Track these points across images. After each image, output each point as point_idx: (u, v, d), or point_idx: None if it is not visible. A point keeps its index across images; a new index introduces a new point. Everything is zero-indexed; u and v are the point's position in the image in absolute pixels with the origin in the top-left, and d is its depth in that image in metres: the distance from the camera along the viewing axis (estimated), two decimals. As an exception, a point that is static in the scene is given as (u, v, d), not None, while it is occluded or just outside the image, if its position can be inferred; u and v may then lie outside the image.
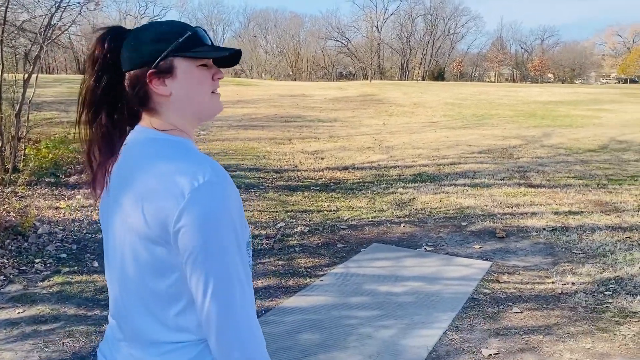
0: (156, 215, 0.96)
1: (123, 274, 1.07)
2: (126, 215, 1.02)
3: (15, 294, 3.83)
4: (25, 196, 6.12)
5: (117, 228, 1.06)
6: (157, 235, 0.98)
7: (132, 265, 1.04)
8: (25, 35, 8.63)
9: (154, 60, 1.05)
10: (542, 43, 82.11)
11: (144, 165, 1.02)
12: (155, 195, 0.97)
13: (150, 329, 1.05)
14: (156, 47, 1.05)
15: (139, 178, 1.01)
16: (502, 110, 18.91)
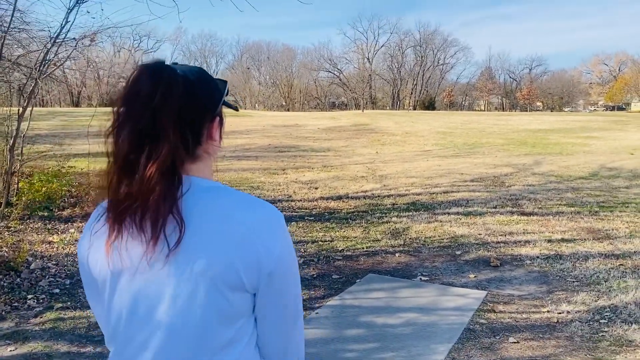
0: (251, 262, 1.00)
1: (176, 322, 1.02)
2: (199, 264, 0.99)
3: (7, 331, 3.78)
4: (18, 231, 6.09)
5: (169, 276, 1.01)
6: (242, 281, 1.00)
7: (195, 314, 1.01)
8: (20, 69, 8.72)
9: (217, 108, 1.08)
10: (530, 72, 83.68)
11: (215, 215, 1.01)
12: (248, 243, 1.00)
13: None
14: (218, 95, 1.09)
15: (216, 228, 1.00)
16: (493, 139, 19.14)
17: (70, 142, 14.34)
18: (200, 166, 1.07)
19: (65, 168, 9.62)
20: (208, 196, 1.03)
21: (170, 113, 0.98)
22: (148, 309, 1.03)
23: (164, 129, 0.97)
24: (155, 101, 0.97)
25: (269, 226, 1.03)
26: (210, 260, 0.98)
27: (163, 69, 1.01)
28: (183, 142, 1.00)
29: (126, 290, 1.04)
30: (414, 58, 79.31)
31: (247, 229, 1.00)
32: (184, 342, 1.02)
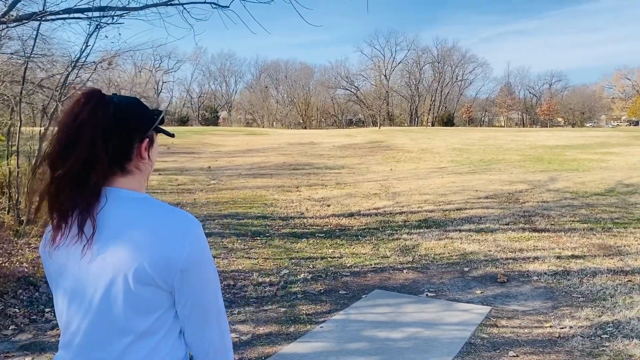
0: (159, 261, 1.17)
1: (99, 311, 1.21)
2: (117, 261, 1.18)
3: (25, 342, 3.96)
4: (37, 247, 6.31)
5: (96, 271, 1.20)
6: (155, 279, 1.17)
7: (115, 304, 1.19)
8: (42, 92, 9.07)
9: (146, 131, 1.29)
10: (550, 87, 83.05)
11: (133, 221, 1.20)
12: (157, 245, 1.18)
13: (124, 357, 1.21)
14: (149, 120, 1.30)
15: (132, 232, 1.18)
16: (509, 155, 19.07)
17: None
18: (130, 180, 1.26)
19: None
20: (130, 205, 1.22)
21: (92, 129, 1.18)
22: (79, 298, 1.22)
23: (81, 141, 1.17)
24: (80, 118, 1.18)
25: (179, 229, 1.20)
26: (124, 258, 1.17)
27: (95, 95, 1.23)
28: (105, 154, 1.19)
29: (64, 283, 1.25)
30: (431, 74, 79.48)
31: (158, 231, 1.19)
32: (107, 328, 1.21)
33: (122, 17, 6.87)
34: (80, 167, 1.18)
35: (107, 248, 1.19)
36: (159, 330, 1.23)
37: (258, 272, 5.76)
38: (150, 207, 1.24)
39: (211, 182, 12.83)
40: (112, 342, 1.21)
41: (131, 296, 1.18)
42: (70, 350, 1.26)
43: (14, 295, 4.76)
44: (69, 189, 1.19)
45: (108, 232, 1.20)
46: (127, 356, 1.21)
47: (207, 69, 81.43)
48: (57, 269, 1.26)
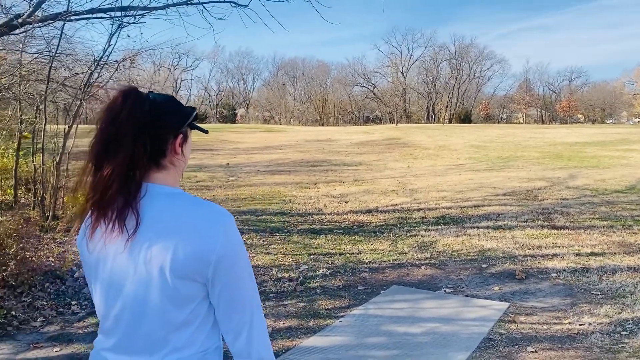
0: (194, 254, 1.22)
1: (137, 303, 1.28)
2: (154, 255, 1.24)
3: (53, 333, 4.09)
4: (63, 242, 6.48)
5: (134, 264, 1.26)
6: (190, 271, 1.23)
7: (152, 296, 1.26)
8: (66, 90, 9.25)
9: (181, 128, 1.34)
10: (569, 84, 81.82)
11: (169, 216, 1.26)
12: (191, 238, 1.23)
13: (162, 346, 1.28)
14: (183, 117, 1.35)
15: (168, 226, 1.24)
16: (528, 152, 18.91)
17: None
18: (165, 175, 1.32)
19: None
20: (166, 199, 1.28)
21: (131, 126, 1.24)
22: (118, 289, 1.28)
23: (124, 139, 1.23)
24: (120, 116, 1.23)
25: (212, 223, 1.25)
26: (160, 251, 1.22)
27: (132, 92, 1.28)
28: (144, 151, 1.25)
29: (103, 274, 1.30)
30: (449, 71, 78.85)
31: (192, 225, 1.24)
32: (144, 319, 1.27)
33: (143, 17, 6.99)
34: (127, 164, 1.23)
35: (145, 242, 1.25)
36: (193, 321, 1.28)
37: (277, 268, 5.85)
38: (184, 202, 1.29)
39: (230, 178, 12.96)
40: (149, 332, 1.28)
41: (167, 288, 1.24)
42: (110, 338, 1.34)
43: (41, 288, 4.90)
44: (116, 185, 1.24)
45: (145, 226, 1.26)
46: (164, 346, 1.28)
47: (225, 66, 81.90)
48: (96, 260, 1.32)
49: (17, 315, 4.35)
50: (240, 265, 1.28)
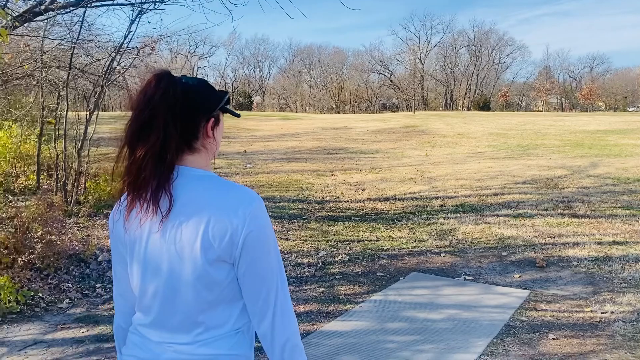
0: (223, 235, 1.24)
1: (171, 282, 1.30)
2: (185, 235, 1.26)
3: (79, 315, 4.19)
4: (86, 227, 6.59)
5: (167, 244, 1.29)
6: (219, 252, 1.25)
7: (184, 276, 1.28)
8: (86, 77, 9.35)
9: (212, 111, 1.35)
10: (591, 71, 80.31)
11: (200, 197, 1.28)
12: (220, 220, 1.25)
13: (196, 324, 1.31)
14: (215, 101, 1.36)
15: (199, 208, 1.26)
16: (548, 140, 18.66)
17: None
18: (197, 158, 1.34)
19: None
20: (198, 182, 1.30)
21: (164, 109, 1.26)
22: (153, 268, 1.31)
23: (156, 121, 1.25)
24: (154, 99, 1.26)
25: (241, 205, 1.25)
26: (191, 232, 1.25)
27: (165, 76, 1.30)
28: (176, 134, 1.28)
29: (139, 254, 1.33)
30: (468, 58, 77.80)
31: (222, 206, 1.25)
32: (180, 298, 1.30)
33: (163, 3, 7.02)
34: (159, 146, 1.26)
35: (177, 222, 1.28)
36: (225, 301, 1.31)
37: (296, 253, 5.89)
38: (215, 184, 1.31)
39: (247, 166, 13.02)
40: (183, 311, 1.30)
41: (198, 268, 1.26)
42: (147, 315, 1.37)
43: (66, 271, 5.01)
44: (150, 166, 1.26)
45: (178, 207, 1.28)
46: (198, 325, 1.31)
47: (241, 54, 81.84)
48: (132, 240, 1.35)
49: (44, 297, 4.45)
50: (266, 248, 1.29)
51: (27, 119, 10.24)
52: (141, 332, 1.38)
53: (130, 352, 1.40)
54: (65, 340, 3.74)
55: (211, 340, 1.31)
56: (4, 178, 8.54)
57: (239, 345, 1.33)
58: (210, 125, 1.35)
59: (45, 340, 3.74)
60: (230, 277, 1.30)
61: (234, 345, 1.32)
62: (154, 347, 1.35)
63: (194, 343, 1.31)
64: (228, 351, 1.31)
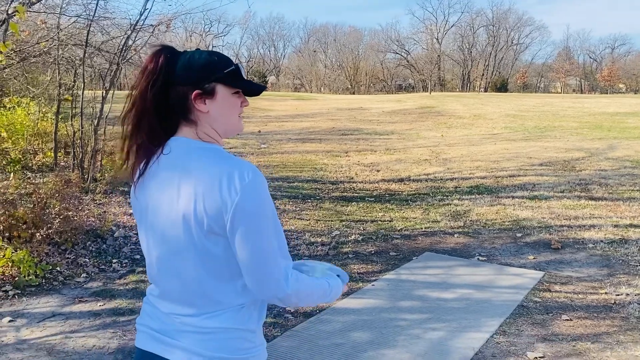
0: (213, 207, 1.23)
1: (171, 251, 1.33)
2: (180, 205, 1.27)
3: (96, 289, 4.26)
4: (102, 203, 6.67)
5: (165, 211, 1.31)
6: (209, 223, 1.25)
7: (183, 246, 1.30)
8: (102, 55, 9.37)
9: (200, 83, 1.33)
10: (612, 52, 78.52)
11: (191, 167, 1.28)
12: (210, 191, 1.24)
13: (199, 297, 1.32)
14: (205, 72, 1.33)
15: (189, 178, 1.27)
16: (566, 122, 18.38)
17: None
18: (193, 129, 1.35)
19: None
20: (195, 152, 1.31)
21: (156, 79, 1.30)
22: (158, 238, 1.35)
23: (148, 91, 1.30)
24: (147, 69, 1.31)
25: (232, 177, 1.23)
26: (185, 202, 1.26)
27: (162, 50, 1.33)
28: (167, 104, 1.32)
29: (146, 223, 1.38)
30: (486, 38, 76.43)
31: (214, 178, 1.24)
32: (181, 271, 1.32)
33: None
34: (154, 115, 1.32)
35: (174, 192, 1.29)
36: (226, 274, 1.30)
37: (310, 233, 5.91)
38: (210, 155, 1.30)
39: (261, 146, 13.04)
40: (186, 283, 1.32)
41: (194, 240, 1.27)
42: (157, 286, 1.41)
43: (83, 246, 5.09)
44: (147, 134, 1.33)
45: (173, 177, 1.30)
46: (202, 297, 1.32)
47: (256, 33, 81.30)
48: (139, 209, 1.40)
49: (62, 271, 4.54)
50: (259, 222, 1.25)
51: (44, 96, 10.33)
52: (152, 302, 1.41)
53: (143, 321, 1.43)
54: (83, 313, 3.81)
55: (216, 313, 1.31)
56: (22, 155, 8.66)
57: (244, 320, 1.34)
58: (193, 96, 1.32)
59: (63, 312, 3.83)
60: (230, 252, 1.28)
61: (239, 319, 1.33)
62: (163, 317, 1.37)
63: (199, 315, 1.32)
64: (233, 325, 1.32)
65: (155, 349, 1.36)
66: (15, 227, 4.70)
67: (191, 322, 1.32)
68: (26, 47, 7.81)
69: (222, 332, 1.31)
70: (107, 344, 3.35)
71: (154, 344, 1.37)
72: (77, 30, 8.30)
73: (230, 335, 1.32)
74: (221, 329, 1.31)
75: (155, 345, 1.36)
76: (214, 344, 1.30)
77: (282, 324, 3.64)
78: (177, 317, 1.34)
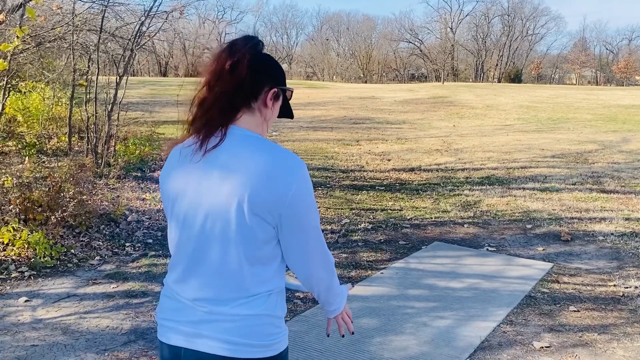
0: (268, 196, 1.28)
1: (209, 237, 1.35)
2: (230, 191, 1.29)
3: (109, 272, 4.35)
4: (115, 188, 6.76)
5: (210, 194, 1.33)
6: (261, 211, 1.29)
7: (226, 231, 1.32)
8: (116, 41, 9.42)
9: (280, 84, 1.45)
10: (629, 43, 77.27)
11: (248, 156, 1.32)
12: (267, 181, 1.29)
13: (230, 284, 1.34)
14: (284, 77, 1.48)
15: (246, 166, 1.30)
16: (580, 114, 18.20)
17: (159, 109, 15.29)
18: (251, 119, 1.40)
19: (156, 134, 10.38)
20: (247, 141, 1.35)
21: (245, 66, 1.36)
22: (191, 221, 1.37)
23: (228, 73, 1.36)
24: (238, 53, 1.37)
25: (288, 168, 1.31)
26: (237, 189, 1.28)
27: (252, 39, 1.41)
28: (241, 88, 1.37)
29: (180, 206, 1.40)
30: (500, 28, 75.48)
31: (270, 168, 1.29)
32: (214, 254, 1.35)
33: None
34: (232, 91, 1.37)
35: (221, 175, 1.31)
36: (259, 260, 1.34)
37: (320, 220, 5.95)
38: (264, 146, 1.35)
39: (273, 133, 13.07)
40: (217, 269, 1.34)
41: (234, 224, 1.30)
42: (181, 273, 1.40)
43: (97, 230, 5.18)
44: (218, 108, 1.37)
45: (224, 160, 1.33)
46: (233, 284, 1.34)
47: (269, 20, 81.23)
48: (173, 195, 1.42)
49: (76, 254, 4.63)
50: (309, 211, 1.36)
51: (59, 81, 10.42)
52: (175, 292, 1.42)
53: (164, 315, 1.43)
54: (97, 295, 3.90)
55: (247, 300, 1.34)
56: (37, 139, 8.77)
57: (273, 306, 1.38)
58: (270, 95, 1.41)
59: (78, 294, 3.91)
60: (268, 238, 1.33)
61: (269, 305, 1.37)
62: (187, 309, 1.38)
63: (230, 303, 1.33)
64: (264, 311, 1.35)
65: (179, 341, 1.37)
66: (31, 209, 4.79)
67: (221, 310, 1.34)
68: (42, 32, 7.88)
69: (254, 318, 1.34)
70: (120, 324, 3.43)
71: (178, 336, 1.38)
72: (92, 15, 8.36)
73: (261, 322, 1.35)
74: (253, 315, 1.34)
75: (180, 338, 1.37)
76: (245, 331, 1.33)
77: (291, 309, 3.70)
78: (205, 305, 1.35)
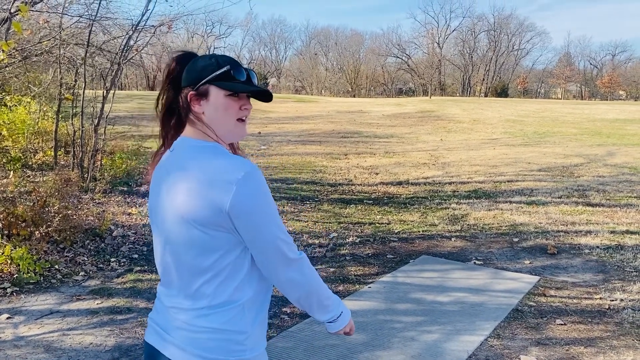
0: (211, 202, 1.26)
1: (169, 244, 1.38)
2: (177, 202, 1.32)
3: (94, 287, 4.29)
4: (101, 202, 6.70)
5: (166, 206, 1.37)
6: (209, 219, 1.28)
7: (181, 243, 1.34)
8: (103, 54, 9.40)
9: (196, 84, 1.37)
10: (613, 59, 78.66)
11: (188, 165, 1.33)
12: (207, 187, 1.27)
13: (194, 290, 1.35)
14: (200, 74, 1.37)
15: (186, 175, 1.31)
16: (565, 128, 18.42)
17: (147, 123, 15.24)
18: (194, 129, 1.39)
19: (143, 148, 10.32)
20: (194, 150, 1.35)
21: (168, 83, 1.42)
22: (161, 230, 1.40)
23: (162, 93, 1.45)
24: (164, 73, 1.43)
25: (227, 174, 1.27)
26: (183, 201, 1.30)
27: (178, 56, 1.43)
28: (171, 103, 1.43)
29: (155, 217, 1.44)
30: (487, 43, 76.45)
31: (209, 176, 1.28)
32: (181, 263, 1.36)
33: (180, -19, 7.00)
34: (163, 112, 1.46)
35: (174, 187, 1.33)
36: (222, 269, 1.32)
37: (308, 234, 5.94)
38: (207, 154, 1.33)
39: (261, 147, 13.07)
40: (184, 277, 1.36)
41: (191, 233, 1.30)
42: (162, 279, 1.45)
43: (82, 245, 5.11)
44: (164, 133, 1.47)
45: (175, 173, 1.35)
46: (197, 293, 1.34)
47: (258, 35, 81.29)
48: (150, 204, 1.47)
49: (60, 269, 4.56)
50: (258, 216, 1.28)
51: (45, 95, 10.36)
52: (160, 296, 1.47)
53: (152, 315, 1.49)
54: (80, 311, 3.84)
55: (208, 312, 1.33)
56: (22, 153, 8.68)
57: (235, 321, 1.33)
58: (186, 96, 1.37)
59: (61, 310, 3.85)
60: (227, 247, 1.31)
61: (230, 320, 1.33)
62: (165, 312, 1.42)
63: (193, 311, 1.34)
64: (221, 326, 1.32)
65: (156, 343, 1.41)
66: (15, 224, 4.73)
67: (186, 319, 1.35)
68: (28, 46, 7.84)
69: (211, 332, 1.32)
70: (104, 341, 3.38)
71: (156, 337, 1.41)
72: (79, 29, 8.34)
73: (218, 336, 1.32)
74: (210, 329, 1.32)
75: (156, 339, 1.41)
76: (203, 344, 1.32)
77: (278, 325, 3.67)
78: (175, 312, 1.37)
